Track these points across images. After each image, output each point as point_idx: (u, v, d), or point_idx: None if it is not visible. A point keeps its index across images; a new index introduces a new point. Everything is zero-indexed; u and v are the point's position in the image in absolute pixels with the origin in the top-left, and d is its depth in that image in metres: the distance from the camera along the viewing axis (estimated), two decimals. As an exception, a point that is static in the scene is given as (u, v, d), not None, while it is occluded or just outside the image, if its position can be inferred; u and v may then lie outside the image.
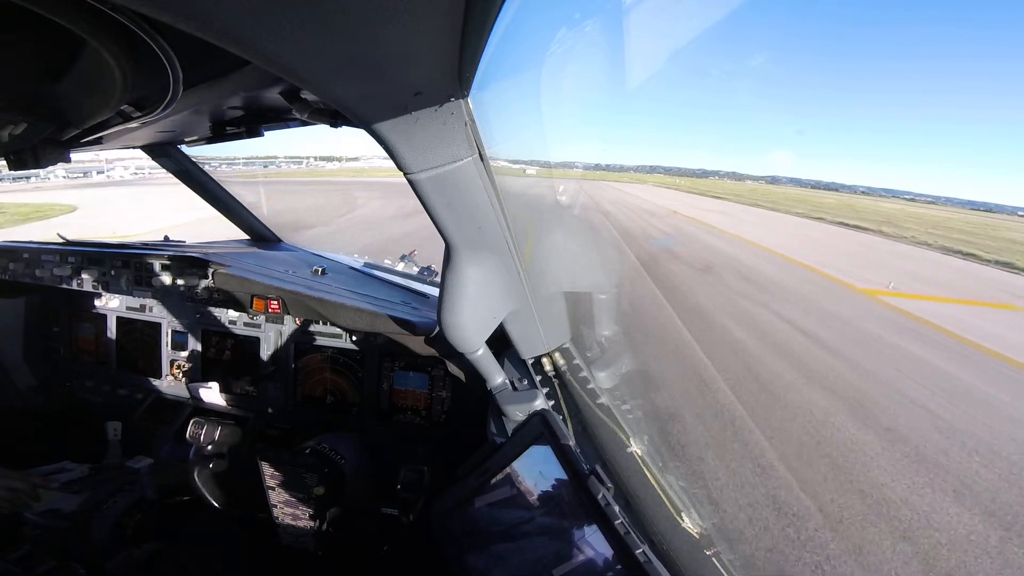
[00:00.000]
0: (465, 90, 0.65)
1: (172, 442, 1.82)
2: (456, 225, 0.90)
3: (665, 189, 45.49)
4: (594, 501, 0.88)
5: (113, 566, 1.31)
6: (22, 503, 1.34)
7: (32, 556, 1.24)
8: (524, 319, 1.18)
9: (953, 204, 62.50)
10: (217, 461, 1.42)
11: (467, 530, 1.10)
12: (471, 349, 1.15)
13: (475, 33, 0.51)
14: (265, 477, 1.26)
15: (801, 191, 60.29)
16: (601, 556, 0.87)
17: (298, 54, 0.48)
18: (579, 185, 10.36)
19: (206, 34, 0.40)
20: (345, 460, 1.37)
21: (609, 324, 1.41)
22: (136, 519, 1.47)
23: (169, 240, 2.30)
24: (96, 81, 0.64)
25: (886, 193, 67.37)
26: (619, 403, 1.24)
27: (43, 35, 0.53)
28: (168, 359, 1.98)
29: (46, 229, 8.43)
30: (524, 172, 1.25)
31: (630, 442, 1.12)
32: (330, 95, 0.60)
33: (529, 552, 0.98)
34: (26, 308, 2.07)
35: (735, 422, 3.56)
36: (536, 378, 1.28)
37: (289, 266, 1.94)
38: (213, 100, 0.91)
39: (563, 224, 1.52)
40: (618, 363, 1.33)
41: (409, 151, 0.73)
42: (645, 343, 4.81)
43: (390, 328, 1.52)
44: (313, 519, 1.27)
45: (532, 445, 1.04)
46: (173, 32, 0.53)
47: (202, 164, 2.01)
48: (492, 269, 1.02)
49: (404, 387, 1.72)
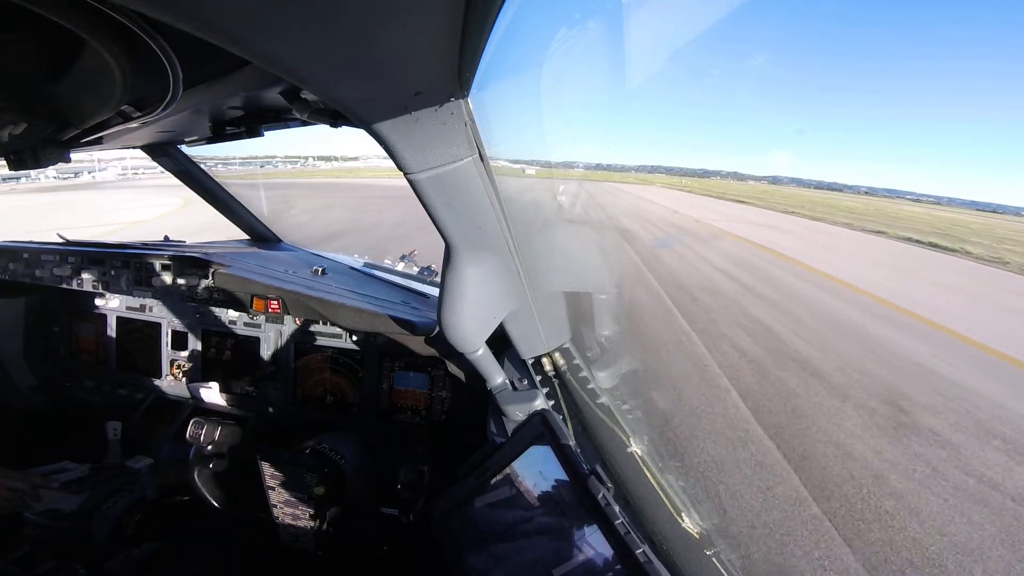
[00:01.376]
0: (465, 90, 0.65)
1: (172, 442, 1.82)
2: (456, 225, 0.90)
3: (674, 191, 38.97)
4: (594, 501, 0.88)
5: (113, 566, 1.30)
6: (22, 503, 1.34)
7: (32, 556, 1.24)
8: (524, 319, 1.18)
9: (956, 204, 61.25)
10: (217, 461, 1.43)
11: (467, 530, 1.10)
12: (471, 349, 1.15)
13: (475, 33, 0.51)
14: (265, 477, 1.26)
15: (819, 193, 57.49)
16: (601, 556, 0.87)
17: (298, 54, 0.48)
18: (588, 194, 9.24)
19: (206, 34, 0.40)
20: (345, 460, 1.37)
21: (609, 324, 1.41)
22: (136, 519, 1.47)
23: (169, 240, 2.30)
24: (96, 81, 0.64)
25: (889, 193, 66.05)
26: (619, 403, 1.24)
27: (43, 35, 0.53)
28: (168, 359, 1.98)
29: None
30: (524, 172, 1.25)
31: (630, 442, 1.12)
32: (330, 95, 0.60)
33: (529, 552, 0.98)
34: (26, 308, 2.07)
35: (738, 423, 3.55)
36: (536, 378, 1.28)
37: (289, 266, 1.94)
38: (213, 100, 0.91)
39: (563, 224, 1.52)
40: (618, 363, 1.33)
41: (409, 151, 0.73)
42: (645, 343, 4.76)
43: (390, 328, 1.52)
44: (313, 519, 1.27)
45: (532, 445, 1.04)
46: (173, 32, 0.53)
47: (202, 164, 2.02)
48: (492, 269, 1.02)
49: (404, 387, 1.72)
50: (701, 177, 64.63)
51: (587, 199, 7.21)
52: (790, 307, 6.87)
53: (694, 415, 3.63)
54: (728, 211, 23.55)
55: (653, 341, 5.01)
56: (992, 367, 5.33)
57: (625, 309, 1.39)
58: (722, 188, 48.01)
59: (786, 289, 8.08)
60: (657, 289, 7.09)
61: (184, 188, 2.06)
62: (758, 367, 4.54)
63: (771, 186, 63.92)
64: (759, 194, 40.86)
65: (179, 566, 1.41)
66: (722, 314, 6.17)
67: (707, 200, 30.59)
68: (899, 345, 5.65)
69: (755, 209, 26.29)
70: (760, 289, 7.77)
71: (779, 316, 6.26)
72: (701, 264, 9.54)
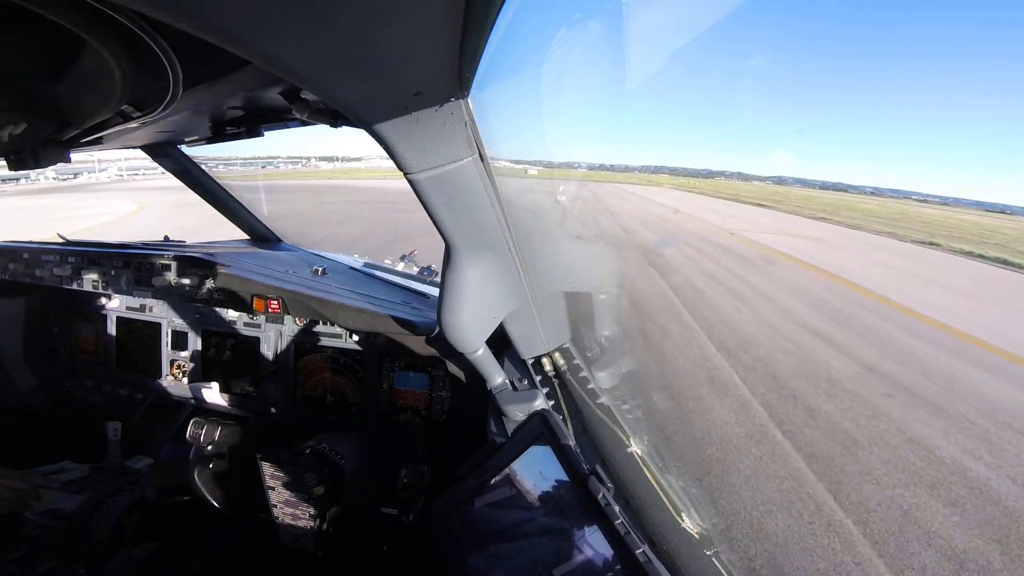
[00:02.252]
0: (465, 90, 0.65)
1: (172, 442, 1.82)
2: (456, 225, 0.90)
3: (681, 192, 34.85)
4: (594, 501, 0.88)
5: (113, 566, 1.30)
6: (22, 503, 1.34)
7: (32, 556, 1.24)
8: (524, 319, 1.18)
9: (963, 205, 59.96)
10: (217, 461, 1.43)
11: (467, 530, 1.10)
12: (471, 349, 1.15)
13: (475, 33, 0.51)
14: (265, 477, 1.26)
15: (830, 194, 55.08)
16: (601, 556, 0.87)
17: (298, 54, 0.48)
18: (593, 196, 7.88)
19: (206, 34, 0.40)
20: (345, 460, 1.37)
21: (609, 324, 1.41)
22: (136, 519, 1.47)
23: (169, 240, 2.30)
24: (96, 81, 0.64)
25: (895, 194, 64.60)
26: (619, 403, 1.24)
27: (43, 35, 0.53)
28: (168, 359, 1.98)
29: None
30: (524, 172, 1.25)
31: (630, 442, 1.12)
32: (330, 95, 0.60)
33: (529, 552, 0.98)
34: (26, 308, 2.07)
35: (739, 422, 3.53)
36: (536, 378, 1.28)
37: (289, 266, 1.94)
38: (213, 100, 0.91)
39: (563, 223, 1.52)
40: (618, 363, 1.33)
41: (409, 151, 0.73)
42: (645, 343, 4.69)
43: (390, 328, 1.52)
44: (313, 519, 1.27)
45: (532, 445, 1.04)
46: (173, 32, 0.53)
47: (202, 164, 2.02)
48: (492, 269, 1.02)
49: (404, 387, 1.72)
50: (705, 177, 63.63)
51: (594, 204, 6.00)
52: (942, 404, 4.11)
53: (694, 415, 3.59)
54: (755, 218, 20.30)
55: (662, 349, 4.48)
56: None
57: (636, 313, 1.38)
58: (731, 189, 44.68)
59: (906, 357, 5.17)
60: (691, 323, 5.44)
61: (146, 192, 2.04)
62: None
63: (778, 187, 62.03)
64: (772, 196, 37.49)
65: (179, 566, 1.41)
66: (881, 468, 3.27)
67: (723, 204, 27.29)
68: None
69: (782, 214, 23.11)
70: (869, 358, 4.96)
71: (930, 420, 3.84)
72: (768, 310, 6.51)
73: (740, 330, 5.70)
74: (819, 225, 19.90)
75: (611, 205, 13.49)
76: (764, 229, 16.32)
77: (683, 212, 20.45)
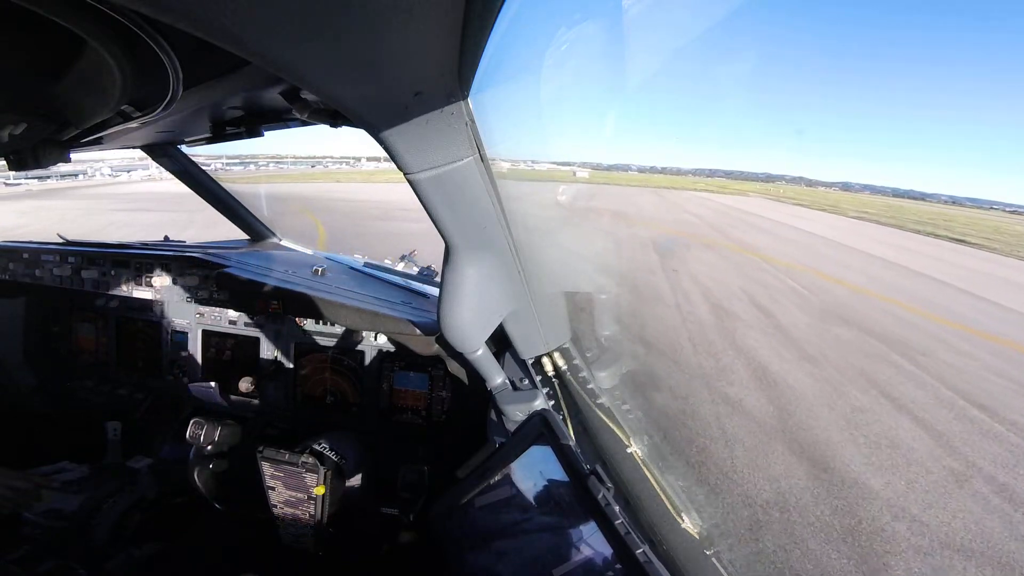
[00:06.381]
0: (465, 90, 0.65)
1: (172, 442, 1.82)
2: (456, 225, 0.91)
3: (791, 205, 26.45)
4: (594, 501, 0.88)
5: (113, 566, 1.31)
6: (22, 503, 1.34)
7: (32, 556, 1.24)
8: (524, 319, 1.18)
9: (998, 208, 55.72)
10: (217, 461, 1.43)
11: (467, 530, 1.10)
12: (471, 349, 1.15)
13: (475, 33, 0.51)
14: (265, 477, 1.26)
15: (923, 204, 48.33)
16: (601, 556, 0.87)
17: (298, 54, 0.48)
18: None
19: (206, 34, 0.40)
20: (345, 460, 1.37)
21: (609, 324, 1.41)
22: (136, 519, 1.47)
23: (169, 240, 2.30)
24: (96, 81, 0.64)
25: (973, 203, 58.07)
26: (619, 403, 1.24)
27: (43, 35, 0.53)
28: (168, 359, 1.98)
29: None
30: (525, 172, 1.25)
31: (630, 442, 1.12)
32: (330, 95, 0.60)
33: (529, 552, 0.98)
34: (26, 308, 2.07)
35: (738, 421, 3.54)
36: (536, 378, 1.28)
37: (289, 266, 1.94)
38: (213, 100, 0.91)
39: (563, 223, 1.52)
40: (618, 363, 1.33)
41: (409, 151, 0.73)
42: (645, 343, 4.70)
43: (390, 328, 1.52)
44: (313, 519, 1.27)
45: (532, 445, 1.04)
46: (173, 32, 0.53)
47: (202, 164, 2.02)
48: (492, 269, 1.02)
49: (404, 387, 1.72)
50: (765, 182, 60.50)
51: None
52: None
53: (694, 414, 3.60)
54: (901, 242, 15.04)
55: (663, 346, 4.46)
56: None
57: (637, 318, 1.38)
58: (809, 197, 36.92)
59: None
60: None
61: (51, 196, 2.01)
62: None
63: (845, 193, 56.81)
64: (873, 207, 28.62)
65: (179, 566, 1.41)
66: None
67: (843, 220, 21.42)
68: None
69: (910, 235, 17.78)
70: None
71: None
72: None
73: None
74: (982, 255, 14.46)
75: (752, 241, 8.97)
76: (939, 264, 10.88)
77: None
